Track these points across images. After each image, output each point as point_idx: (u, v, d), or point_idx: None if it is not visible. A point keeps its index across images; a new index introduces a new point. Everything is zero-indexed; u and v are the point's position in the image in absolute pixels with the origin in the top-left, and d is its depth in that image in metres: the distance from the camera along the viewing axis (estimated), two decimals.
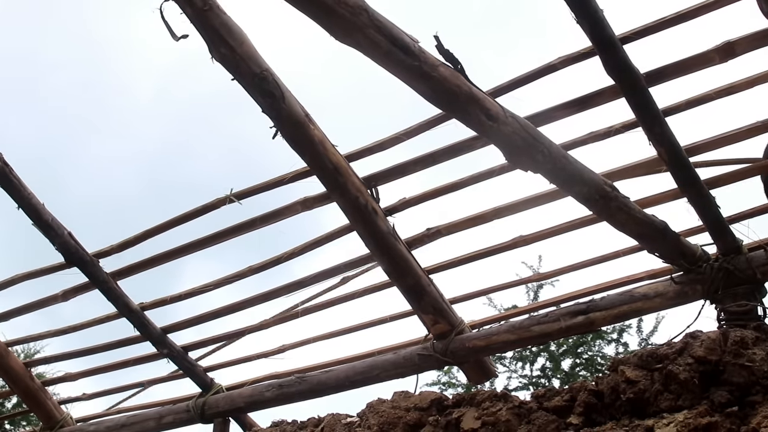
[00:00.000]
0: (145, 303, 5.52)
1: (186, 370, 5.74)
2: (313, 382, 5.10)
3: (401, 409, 4.21)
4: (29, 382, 6.25)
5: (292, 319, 5.30)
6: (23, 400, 6.46)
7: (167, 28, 3.57)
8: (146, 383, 6.15)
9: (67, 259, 5.27)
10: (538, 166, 3.47)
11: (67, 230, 5.18)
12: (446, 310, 4.62)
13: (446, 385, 15.55)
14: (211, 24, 3.51)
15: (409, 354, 4.79)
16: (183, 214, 5.02)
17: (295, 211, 4.72)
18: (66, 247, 5.18)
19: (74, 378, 6.34)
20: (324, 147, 4.05)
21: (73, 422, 6.38)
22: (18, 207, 5.01)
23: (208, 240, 5.04)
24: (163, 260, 5.25)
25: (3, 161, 4.86)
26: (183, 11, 3.48)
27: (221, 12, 3.52)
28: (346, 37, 3.12)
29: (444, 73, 3.20)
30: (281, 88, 3.79)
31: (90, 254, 5.26)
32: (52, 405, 6.38)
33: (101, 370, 6.25)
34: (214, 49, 3.59)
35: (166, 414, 5.76)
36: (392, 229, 4.40)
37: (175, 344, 5.68)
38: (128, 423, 5.93)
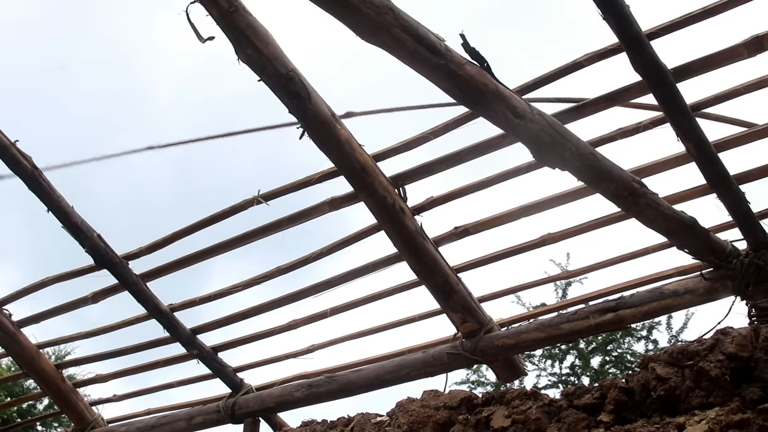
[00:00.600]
0: (175, 304, 5.55)
1: (216, 371, 5.76)
2: (342, 382, 5.10)
3: (431, 408, 4.20)
4: (61, 383, 6.28)
5: (321, 318, 5.31)
6: (55, 401, 6.50)
7: (193, 30, 3.58)
8: (176, 384, 6.18)
9: (97, 261, 5.29)
10: (566, 163, 3.46)
11: (96, 232, 5.20)
12: (475, 308, 4.61)
13: (475, 383, 15.52)
14: (237, 25, 3.52)
15: (438, 353, 4.78)
16: (211, 216, 5.04)
17: (322, 211, 4.73)
18: (95, 250, 5.21)
19: (105, 379, 6.37)
20: (351, 147, 4.05)
21: (104, 423, 6.41)
22: (47, 210, 5.04)
23: (236, 241, 5.05)
24: (191, 261, 5.26)
25: (32, 165, 4.89)
26: (209, 13, 3.49)
27: (247, 13, 3.53)
28: (372, 37, 3.12)
29: (470, 72, 3.19)
30: (307, 88, 3.79)
31: (119, 256, 5.28)
32: (84, 406, 6.41)
33: (132, 371, 6.27)
34: (240, 51, 3.60)
35: (196, 414, 5.78)
36: (420, 228, 4.39)
37: (204, 345, 5.69)
38: (159, 424, 5.96)
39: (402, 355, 5.05)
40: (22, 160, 4.85)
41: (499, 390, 4.15)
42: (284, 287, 5.30)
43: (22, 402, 12.65)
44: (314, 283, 5.12)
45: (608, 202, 3.75)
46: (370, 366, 5.10)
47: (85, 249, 5.20)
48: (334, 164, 4.26)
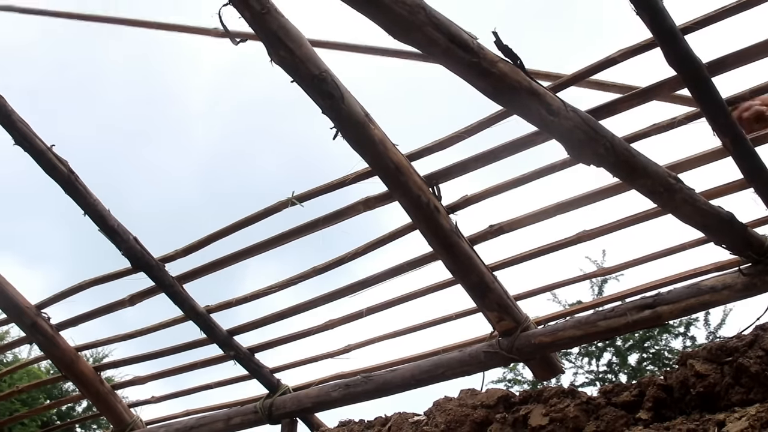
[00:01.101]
0: (211, 306, 5.57)
1: (253, 372, 5.78)
2: (379, 382, 5.11)
3: (468, 407, 4.20)
4: (99, 386, 6.33)
5: (357, 318, 5.32)
6: (94, 403, 6.55)
7: (226, 32, 3.60)
8: (213, 385, 6.21)
9: (134, 264, 5.33)
10: (601, 159, 3.43)
11: (133, 235, 5.23)
12: (511, 306, 4.60)
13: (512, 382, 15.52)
14: (270, 27, 3.52)
15: (474, 351, 4.77)
16: (246, 218, 5.06)
17: (357, 211, 4.73)
18: (132, 252, 5.24)
19: (143, 381, 6.41)
20: (385, 147, 4.05)
21: (143, 425, 6.45)
22: (84, 213, 5.08)
23: (272, 242, 5.07)
24: (227, 263, 5.29)
25: (69, 169, 4.93)
26: (241, 15, 3.49)
27: (279, 15, 3.54)
28: (404, 36, 3.11)
29: (503, 69, 3.18)
30: (340, 88, 3.79)
31: (156, 259, 5.31)
32: (122, 408, 6.46)
33: (169, 373, 6.31)
34: (273, 52, 3.60)
35: (234, 415, 5.81)
36: (455, 227, 4.39)
37: (241, 346, 5.72)
38: (197, 425, 5.99)
39: (438, 354, 5.04)
40: (59, 164, 4.90)
41: (536, 388, 4.14)
42: (319, 287, 5.32)
43: (62, 404, 12.78)
44: (350, 283, 5.12)
45: (644, 198, 3.73)
46: (407, 365, 5.10)
47: (121, 252, 5.24)
48: (368, 164, 4.26)
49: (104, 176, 4.81)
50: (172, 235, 5.34)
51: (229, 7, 3.50)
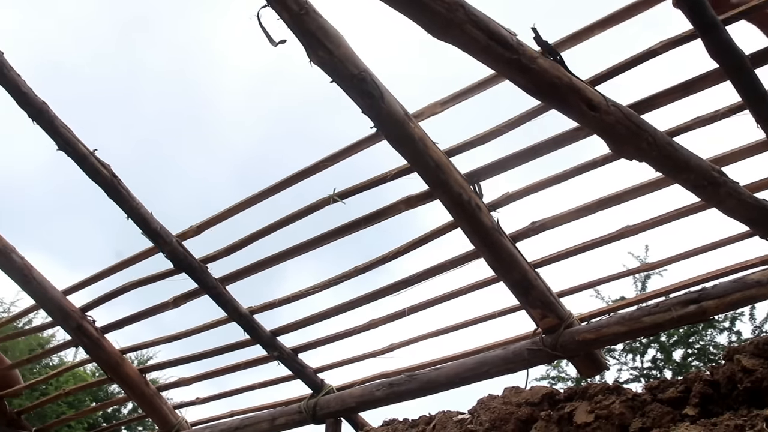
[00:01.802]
0: (254, 307, 5.59)
1: (296, 372, 5.80)
2: (423, 380, 5.10)
3: (512, 405, 4.19)
4: (145, 388, 6.38)
5: (400, 317, 5.32)
6: (140, 405, 6.60)
7: (265, 34, 3.60)
8: (257, 386, 6.23)
9: (176, 265, 5.36)
10: (643, 154, 3.41)
11: (175, 238, 5.26)
12: (554, 303, 4.58)
13: (555, 379, 15.44)
14: (308, 28, 3.53)
15: (518, 349, 4.76)
16: (287, 216, 5.07)
17: (398, 210, 4.73)
18: (175, 255, 5.27)
19: (187, 383, 6.45)
20: (425, 144, 4.05)
21: (188, 426, 6.49)
22: (127, 217, 5.12)
23: (315, 242, 5.08)
24: (270, 263, 5.31)
25: (111, 173, 4.97)
26: (280, 16, 3.50)
27: (317, 15, 3.54)
28: (443, 34, 3.11)
29: (543, 65, 3.17)
30: (379, 87, 3.80)
31: (198, 261, 5.34)
32: (168, 410, 6.50)
33: (213, 374, 6.35)
34: (312, 53, 3.61)
35: (278, 416, 5.83)
36: (496, 224, 4.38)
37: (284, 346, 5.74)
38: (242, 426, 6.01)
39: (482, 352, 5.03)
40: (102, 169, 4.94)
41: (580, 385, 4.11)
42: (359, 286, 5.33)
43: (108, 407, 12.88)
44: (392, 282, 5.13)
45: (687, 193, 3.70)
46: (450, 364, 5.09)
47: (164, 254, 5.28)
48: (408, 162, 4.26)
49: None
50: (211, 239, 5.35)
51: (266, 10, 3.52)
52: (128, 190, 5.05)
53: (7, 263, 5.59)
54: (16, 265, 5.62)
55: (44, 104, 4.75)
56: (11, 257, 5.59)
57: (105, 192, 5.02)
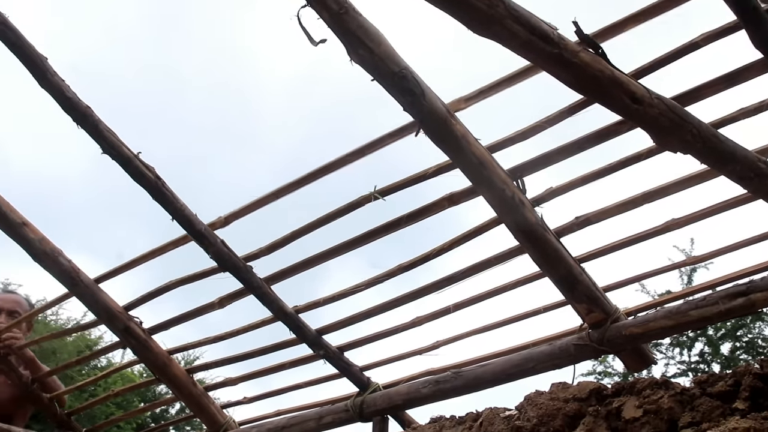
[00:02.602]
0: (299, 306, 5.61)
1: (342, 370, 5.81)
2: (469, 377, 5.09)
3: (560, 401, 4.17)
4: (192, 388, 6.41)
5: (445, 314, 5.32)
6: (188, 405, 6.64)
7: (305, 33, 3.61)
8: (304, 384, 6.25)
9: (221, 266, 5.39)
10: (688, 146, 3.39)
11: (220, 238, 5.30)
12: (600, 298, 4.56)
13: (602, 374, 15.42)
14: (348, 27, 3.53)
15: (564, 344, 4.74)
16: (328, 214, 5.08)
17: (441, 207, 4.73)
18: (219, 255, 5.30)
19: (234, 382, 6.48)
20: (467, 141, 4.04)
21: (236, 425, 6.52)
22: (172, 219, 5.16)
23: (360, 240, 5.08)
24: (315, 262, 5.32)
25: (156, 175, 5.00)
26: (320, 16, 3.51)
27: (357, 14, 3.55)
28: (483, 30, 3.11)
29: (585, 59, 3.15)
30: (421, 85, 3.79)
31: (243, 261, 5.37)
32: (215, 409, 6.54)
33: (259, 373, 6.37)
34: (352, 52, 3.61)
35: (325, 414, 5.83)
36: (540, 220, 4.36)
37: (330, 345, 5.75)
38: (288, 424, 6.02)
39: (527, 348, 5.01)
40: (146, 171, 4.97)
41: (627, 380, 4.09)
42: (402, 284, 5.33)
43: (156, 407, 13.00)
44: (437, 279, 5.13)
45: (733, 185, 3.67)
46: (497, 360, 5.08)
47: (209, 255, 5.31)
48: (451, 160, 4.26)
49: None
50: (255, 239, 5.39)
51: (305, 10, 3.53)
52: (172, 192, 5.08)
53: (54, 266, 5.64)
54: (64, 268, 5.67)
55: (88, 108, 4.79)
56: (59, 260, 5.65)
57: (150, 194, 5.05)
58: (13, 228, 5.48)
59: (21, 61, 4.58)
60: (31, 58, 4.59)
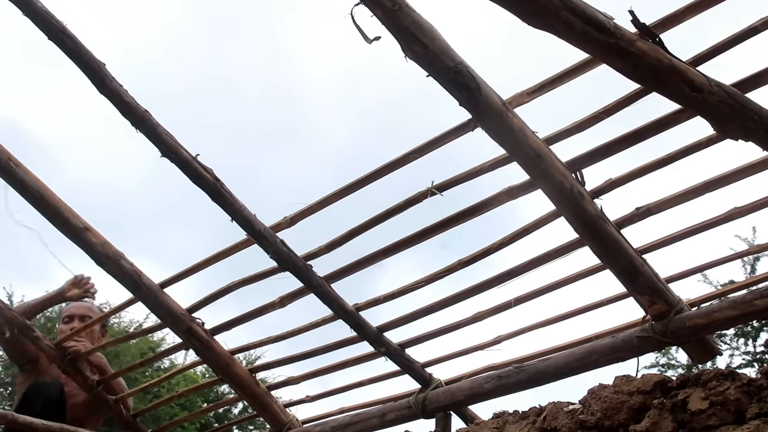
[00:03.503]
0: (360, 303, 5.63)
1: (404, 367, 5.82)
2: (531, 372, 5.07)
3: (624, 394, 4.14)
4: (255, 387, 6.47)
5: (506, 309, 5.30)
6: (251, 405, 6.69)
7: (359, 31, 3.61)
8: (366, 382, 6.27)
9: (281, 266, 5.42)
10: (749, 133, 3.34)
11: (279, 238, 5.32)
12: (663, 289, 4.51)
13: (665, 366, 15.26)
14: (402, 23, 3.52)
15: (627, 337, 4.70)
16: (386, 211, 5.08)
17: (500, 202, 4.71)
18: (279, 255, 5.33)
19: (297, 381, 6.52)
20: (524, 134, 4.02)
21: (299, 424, 6.56)
22: (231, 219, 5.19)
23: (419, 236, 5.08)
24: (375, 259, 5.33)
25: (214, 177, 5.03)
26: (373, 13, 3.51)
27: (411, 10, 3.54)
28: (538, 21, 3.09)
29: (642, 48, 3.12)
30: (476, 79, 3.77)
31: (302, 260, 5.39)
32: (278, 408, 6.58)
33: (321, 372, 6.41)
34: (407, 48, 3.61)
35: (388, 411, 5.84)
36: (600, 212, 4.32)
37: (391, 342, 5.77)
38: (352, 422, 6.04)
39: (590, 341, 4.98)
40: (204, 173, 5.01)
41: (691, 372, 4.05)
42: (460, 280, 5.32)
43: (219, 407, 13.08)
44: (497, 274, 5.11)
45: None
46: (559, 354, 5.05)
47: (269, 255, 5.33)
48: (508, 153, 4.24)
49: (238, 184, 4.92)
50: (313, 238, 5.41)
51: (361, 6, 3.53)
52: (231, 192, 5.11)
53: (117, 270, 5.71)
54: (126, 271, 5.74)
55: (146, 112, 4.83)
56: (121, 263, 5.71)
57: (208, 196, 5.08)
58: (76, 233, 5.55)
59: (80, 68, 4.63)
60: (90, 64, 4.64)
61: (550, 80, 4.25)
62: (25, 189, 5.29)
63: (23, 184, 5.27)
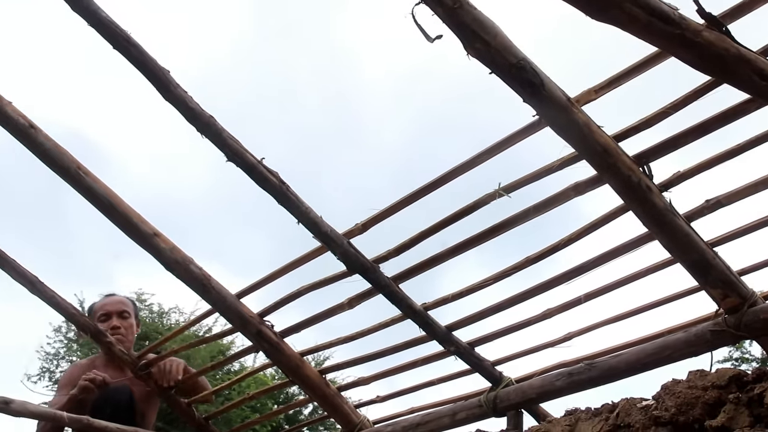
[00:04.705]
0: (428, 303, 5.62)
1: (474, 366, 5.80)
2: (603, 368, 5.03)
3: (698, 389, 4.10)
4: (326, 389, 6.49)
5: (576, 305, 5.26)
6: (322, 406, 6.71)
7: (421, 30, 3.61)
8: (437, 381, 6.27)
9: (349, 267, 5.43)
10: None
11: (347, 240, 5.33)
12: (735, 282, 4.44)
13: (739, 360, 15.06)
14: (463, 21, 3.51)
15: (700, 331, 4.64)
16: (454, 213, 5.05)
17: (567, 198, 4.67)
18: (347, 256, 5.34)
19: (367, 382, 6.53)
20: (590, 129, 3.99)
21: (370, 424, 6.57)
22: (298, 222, 5.21)
23: (485, 234, 5.05)
24: (441, 259, 5.31)
25: (280, 180, 5.05)
26: (434, 12, 3.50)
27: (472, 8, 3.52)
28: (601, 14, 3.06)
29: (709, 38, 3.08)
30: (540, 75, 3.75)
31: (371, 262, 5.40)
32: (349, 409, 6.60)
33: (391, 372, 6.41)
34: (468, 46, 3.59)
35: (459, 410, 5.84)
36: (669, 205, 4.27)
37: (461, 341, 5.75)
38: (423, 422, 6.05)
39: (662, 336, 4.93)
40: (270, 176, 5.03)
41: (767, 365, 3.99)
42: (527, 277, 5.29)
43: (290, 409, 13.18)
44: (566, 270, 5.07)
45: None
46: (631, 350, 5.00)
47: (337, 257, 5.35)
48: (574, 149, 4.21)
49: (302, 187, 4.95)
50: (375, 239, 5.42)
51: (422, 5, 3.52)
52: (297, 195, 5.13)
53: (186, 274, 5.76)
54: (195, 276, 5.79)
55: (211, 118, 4.86)
56: (190, 268, 5.76)
57: (275, 199, 5.10)
58: (145, 239, 5.61)
59: (145, 76, 4.67)
60: (155, 72, 4.68)
61: (617, 76, 4.20)
62: (94, 196, 5.35)
63: (92, 192, 5.34)
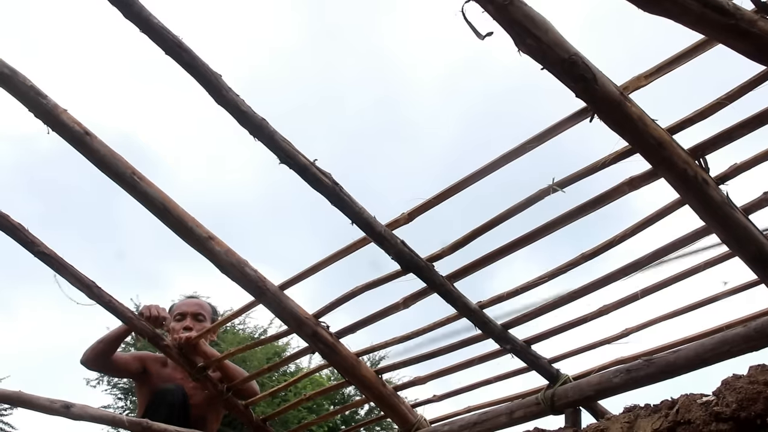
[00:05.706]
0: (483, 301, 5.60)
1: (530, 364, 5.78)
2: (661, 364, 4.98)
3: (760, 384, 4.04)
4: (382, 389, 6.49)
5: (633, 301, 5.22)
6: (378, 406, 6.71)
7: (471, 28, 3.60)
8: (493, 380, 6.25)
9: (403, 266, 5.42)
10: None
11: (400, 239, 5.32)
12: None
13: None
14: (514, 17, 3.49)
15: (760, 326, 4.58)
16: (508, 210, 5.02)
17: (622, 193, 4.62)
18: (401, 256, 5.33)
19: (423, 381, 6.54)
20: (644, 123, 3.94)
21: (427, 424, 6.56)
22: (352, 222, 5.21)
23: (540, 231, 5.02)
24: (495, 258, 5.28)
25: (333, 181, 5.05)
26: (484, 9, 3.48)
27: (522, 4, 3.51)
28: (654, 6, 3.04)
29: (764, 27, 3.04)
30: (592, 69, 3.72)
31: (425, 261, 5.39)
32: (406, 409, 6.60)
33: (446, 371, 6.40)
34: (519, 42, 3.57)
35: (516, 408, 5.81)
36: (726, 198, 4.22)
37: (517, 339, 5.73)
38: (480, 420, 6.03)
39: (721, 331, 4.87)
40: (323, 177, 5.03)
41: None
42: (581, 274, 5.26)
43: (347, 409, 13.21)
44: (622, 266, 5.03)
45: None
46: (689, 345, 4.95)
47: (391, 256, 5.34)
48: (628, 143, 4.17)
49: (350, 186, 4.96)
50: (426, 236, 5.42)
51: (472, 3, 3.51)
52: (350, 196, 5.13)
53: (242, 276, 5.78)
54: (251, 278, 5.81)
55: (263, 120, 4.86)
56: (245, 270, 5.78)
57: (328, 200, 5.10)
58: (200, 242, 5.64)
59: (197, 80, 4.68)
60: (206, 76, 4.69)
61: (667, 62, 4.16)
62: (149, 201, 5.39)
63: (146, 196, 5.38)
